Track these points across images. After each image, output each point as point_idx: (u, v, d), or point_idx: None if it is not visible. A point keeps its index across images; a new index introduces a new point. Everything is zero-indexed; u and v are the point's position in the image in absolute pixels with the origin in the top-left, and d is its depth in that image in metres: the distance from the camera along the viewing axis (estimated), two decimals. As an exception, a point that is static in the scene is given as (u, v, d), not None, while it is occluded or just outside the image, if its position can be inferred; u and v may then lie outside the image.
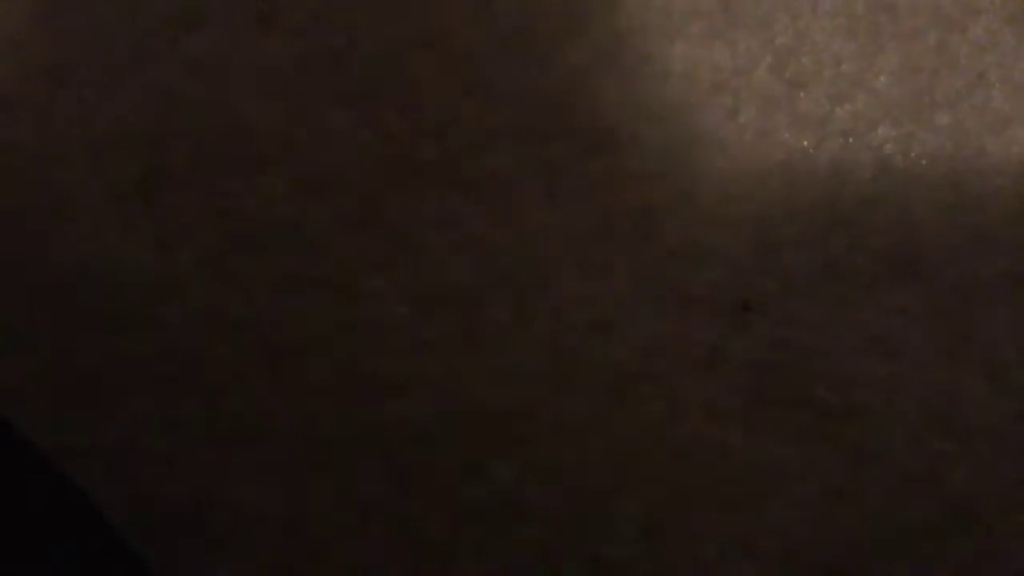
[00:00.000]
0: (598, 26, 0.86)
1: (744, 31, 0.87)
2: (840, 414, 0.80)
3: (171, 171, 0.81)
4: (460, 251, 0.82)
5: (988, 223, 0.83)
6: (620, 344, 0.81)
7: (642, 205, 0.83)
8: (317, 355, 0.80)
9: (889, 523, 0.79)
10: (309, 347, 0.80)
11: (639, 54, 0.86)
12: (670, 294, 0.82)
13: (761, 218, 0.83)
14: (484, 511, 0.79)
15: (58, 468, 0.59)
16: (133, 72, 0.82)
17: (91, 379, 0.78)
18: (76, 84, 0.82)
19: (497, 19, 0.86)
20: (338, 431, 0.79)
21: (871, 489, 0.80)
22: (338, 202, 0.82)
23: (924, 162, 0.84)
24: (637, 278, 0.82)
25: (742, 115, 0.85)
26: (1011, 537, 0.79)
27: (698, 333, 0.81)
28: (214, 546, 0.77)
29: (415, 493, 0.79)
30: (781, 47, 0.87)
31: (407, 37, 0.85)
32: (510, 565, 0.78)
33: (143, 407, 0.78)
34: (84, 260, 0.80)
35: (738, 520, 0.79)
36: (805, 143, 0.85)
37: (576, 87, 0.85)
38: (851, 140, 0.85)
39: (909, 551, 0.79)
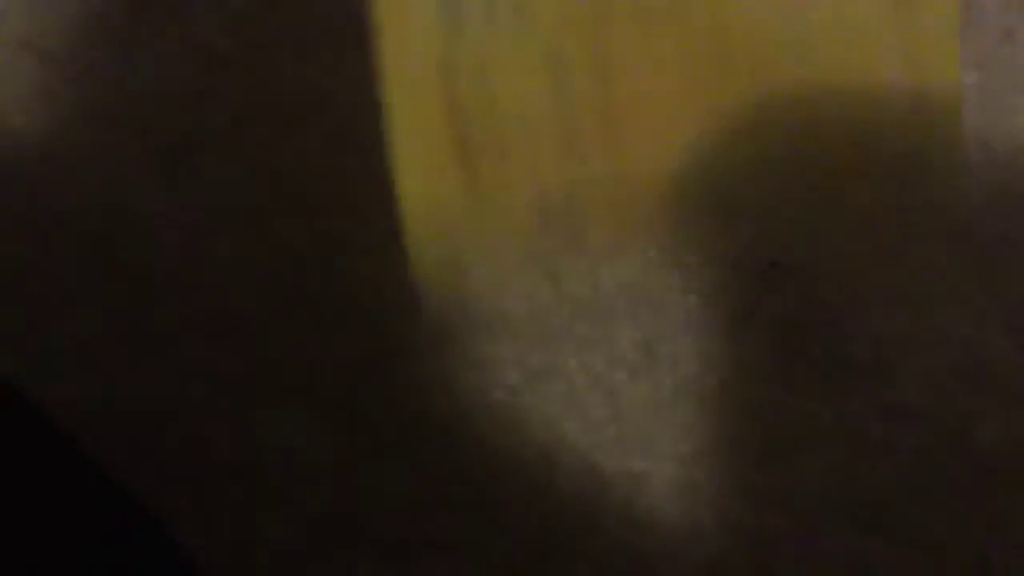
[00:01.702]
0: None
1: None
2: (870, 371, 0.81)
3: (210, 129, 0.82)
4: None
5: (1016, 181, 0.84)
6: (650, 304, 0.82)
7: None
8: (357, 314, 0.80)
9: (919, 479, 0.80)
10: (349, 305, 0.80)
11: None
12: (700, 254, 0.82)
13: (791, 176, 0.83)
14: (523, 465, 0.79)
15: (101, 468, 0.58)
16: (172, 29, 0.82)
17: (136, 338, 0.79)
18: (115, 41, 0.82)
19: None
20: (378, 385, 0.80)
21: (901, 445, 0.80)
22: (374, 161, 0.82)
23: (953, 120, 0.85)
24: (666, 239, 0.82)
25: (776, 74, 0.85)
26: (1040, 493, 0.80)
27: (728, 292, 0.82)
28: (268, 496, 0.78)
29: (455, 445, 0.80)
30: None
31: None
32: (549, 516, 0.79)
33: (188, 364, 0.78)
34: (124, 218, 0.80)
35: (768, 475, 0.80)
36: (837, 102, 0.85)
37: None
38: (882, 99, 0.85)
39: (939, 506, 0.80)
